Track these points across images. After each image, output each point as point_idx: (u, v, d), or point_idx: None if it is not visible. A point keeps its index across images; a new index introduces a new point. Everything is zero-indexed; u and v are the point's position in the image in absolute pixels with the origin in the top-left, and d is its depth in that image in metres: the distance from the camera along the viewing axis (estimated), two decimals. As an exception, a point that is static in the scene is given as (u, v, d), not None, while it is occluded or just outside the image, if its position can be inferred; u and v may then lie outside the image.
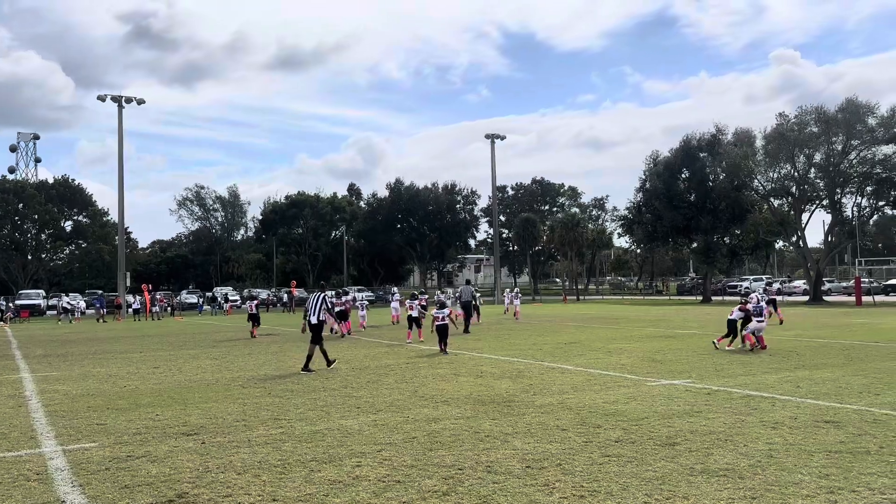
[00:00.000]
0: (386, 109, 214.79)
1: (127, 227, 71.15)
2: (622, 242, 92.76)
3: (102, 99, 52.74)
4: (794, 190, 49.81)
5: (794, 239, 54.29)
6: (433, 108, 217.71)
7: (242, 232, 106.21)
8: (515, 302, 34.44)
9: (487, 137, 64.51)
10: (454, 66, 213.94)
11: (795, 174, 48.97)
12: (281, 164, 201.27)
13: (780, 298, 52.18)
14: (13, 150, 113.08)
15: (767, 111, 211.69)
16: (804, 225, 51.25)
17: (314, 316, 14.62)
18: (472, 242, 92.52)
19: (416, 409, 9.73)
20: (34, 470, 6.92)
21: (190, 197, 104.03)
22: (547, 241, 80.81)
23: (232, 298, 58.96)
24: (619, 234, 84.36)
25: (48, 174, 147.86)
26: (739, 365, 13.83)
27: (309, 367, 14.20)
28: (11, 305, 51.97)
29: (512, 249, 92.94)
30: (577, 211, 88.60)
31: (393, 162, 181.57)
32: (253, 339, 24.20)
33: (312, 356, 14.44)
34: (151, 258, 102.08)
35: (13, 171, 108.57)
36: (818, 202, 50.66)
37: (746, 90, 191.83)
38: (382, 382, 12.42)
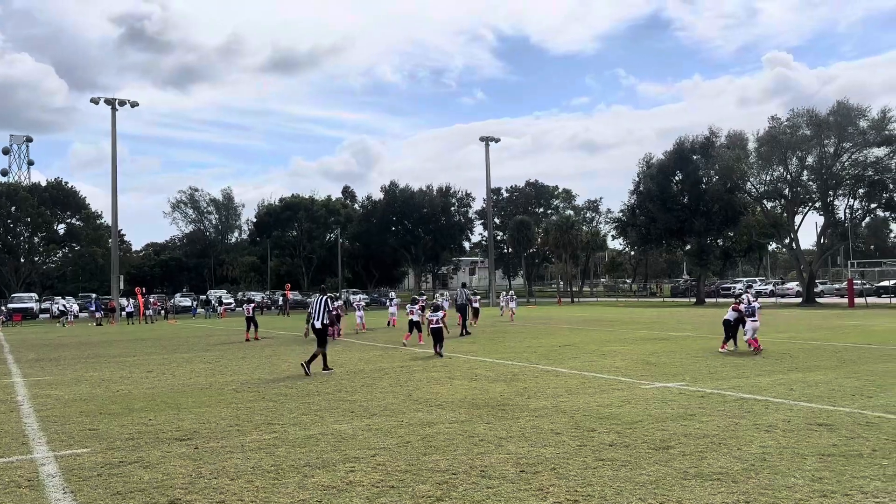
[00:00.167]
0: (381, 112, 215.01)
1: (120, 229, 70.85)
2: (616, 244, 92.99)
3: (96, 102, 52.58)
4: (786, 192, 49.99)
5: (787, 241, 54.47)
6: (428, 110, 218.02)
7: (236, 234, 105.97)
8: (511, 304, 35.25)
9: (482, 140, 64.51)
10: (449, 68, 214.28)
11: (788, 177, 49.16)
12: (275, 166, 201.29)
13: (773, 300, 52.47)
14: (6, 152, 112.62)
15: (761, 113, 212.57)
16: (797, 227, 51.44)
17: (317, 320, 14.69)
18: (466, 245, 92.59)
19: (410, 413, 9.72)
20: (25, 476, 6.88)
21: (184, 199, 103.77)
22: (541, 243, 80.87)
23: (226, 301, 58.81)
24: (613, 236, 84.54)
25: (41, 177, 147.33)
26: (733, 367, 13.86)
27: (328, 365, 14.63)
28: (3, 309, 51.71)
29: (506, 252, 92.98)
30: (571, 213, 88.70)
31: (388, 164, 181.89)
32: (247, 342, 24.19)
33: (326, 355, 14.76)
34: (145, 261, 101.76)
35: (6, 173, 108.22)
36: (811, 204, 50.87)
37: (740, 93, 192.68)
38: (377, 386, 12.40)
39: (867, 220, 54.75)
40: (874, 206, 49.36)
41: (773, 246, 78.19)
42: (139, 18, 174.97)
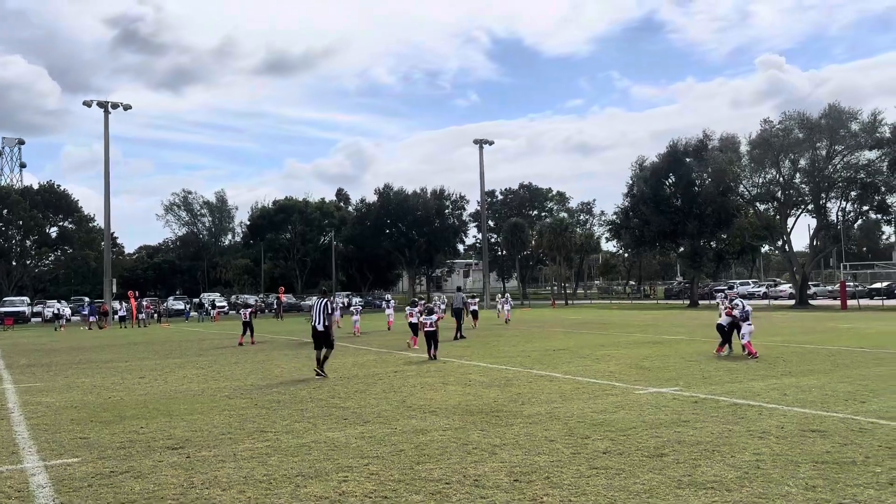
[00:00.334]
0: (375, 114, 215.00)
1: (113, 232, 70.62)
2: (610, 247, 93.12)
3: (88, 104, 52.46)
4: (779, 195, 50.18)
5: (779, 243, 54.65)
6: (422, 112, 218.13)
7: (230, 237, 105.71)
8: (506, 307, 36.07)
9: (476, 143, 64.56)
10: (443, 70, 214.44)
11: (781, 179, 49.36)
12: (269, 168, 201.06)
13: (766, 303, 52.61)
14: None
15: (754, 115, 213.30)
16: (790, 229, 51.67)
17: (319, 323, 14.76)
18: (460, 247, 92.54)
19: (403, 420, 9.69)
20: (15, 487, 6.82)
21: (177, 202, 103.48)
22: (535, 245, 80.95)
23: (219, 305, 58.60)
24: (606, 238, 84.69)
25: (33, 179, 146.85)
26: (726, 372, 13.87)
27: (323, 369, 14.68)
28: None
29: (501, 254, 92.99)
30: (565, 216, 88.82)
31: (382, 166, 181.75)
32: (240, 346, 24.17)
33: (328, 358, 14.86)
34: (138, 264, 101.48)
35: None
36: (803, 207, 51.07)
37: (733, 95, 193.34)
38: (370, 392, 12.36)
39: (859, 222, 54.92)
40: (866, 208, 49.58)
41: (765, 248, 78.49)
42: (133, 20, 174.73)
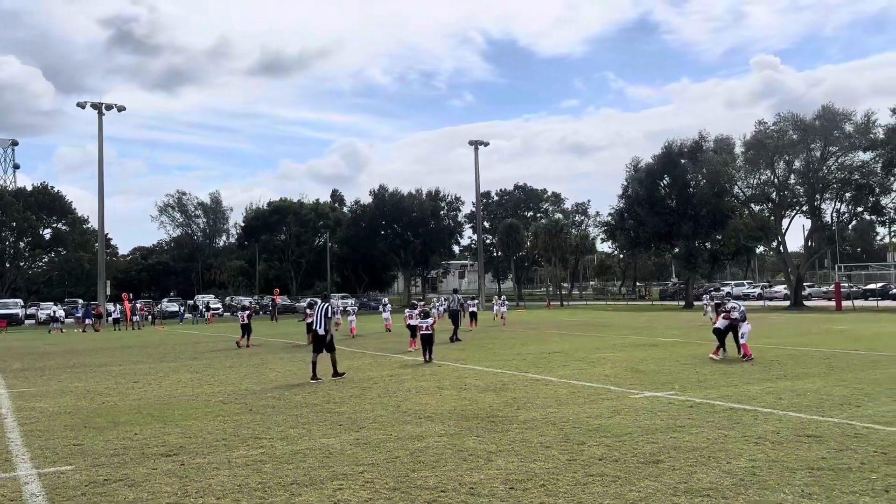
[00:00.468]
0: (370, 115, 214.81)
1: (107, 233, 70.31)
2: (605, 247, 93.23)
3: (82, 106, 52.24)
4: (774, 196, 50.29)
5: (774, 244, 54.78)
6: (418, 113, 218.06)
7: (224, 238, 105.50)
8: (503, 308, 36.94)
9: (471, 144, 64.52)
10: (438, 71, 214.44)
11: (775, 180, 49.47)
12: (264, 169, 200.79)
13: (761, 304, 52.71)
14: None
15: (749, 116, 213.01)
16: (784, 230, 51.77)
17: (321, 328, 14.89)
18: (456, 248, 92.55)
19: (399, 425, 9.65)
20: (8, 496, 6.77)
21: (171, 203, 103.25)
22: (531, 246, 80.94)
23: (214, 307, 58.45)
24: (602, 239, 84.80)
25: (27, 180, 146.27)
26: (722, 375, 13.87)
27: (338, 371, 14.85)
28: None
29: (496, 255, 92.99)
30: (560, 217, 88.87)
31: (377, 167, 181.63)
32: (238, 347, 24.27)
33: (336, 361, 15.01)
34: (132, 265, 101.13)
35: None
36: (798, 208, 51.21)
37: (728, 95, 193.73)
38: (365, 397, 12.32)
39: (854, 223, 55.12)
40: (860, 209, 49.73)
41: (760, 249, 78.67)
42: (127, 21, 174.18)
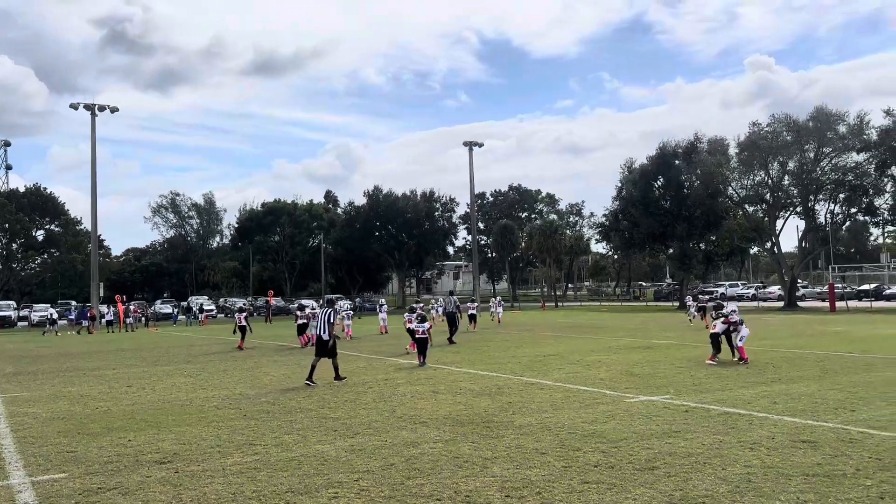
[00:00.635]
0: (365, 115, 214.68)
1: (100, 234, 70.13)
2: (599, 248, 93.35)
3: (75, 107, 51.99)
4: (768, 197, 50.44)
5: (768, 245, 54.93)
6: (412, 113, 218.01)
7: (218, 239, 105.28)
8: (498, 309, 38.22)
9: (465, 145, 64.48)
10: (433, 71, 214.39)
11: (769, 181, 49.62)
12: (258, 169, 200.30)
13: (755, 304, 52.84)
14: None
15: (743, 116, 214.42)
16: (778, 231, 51.94)
17: (325, 333, 15.01)
18: (450, 249, 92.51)
19: (394, 431, 9.63)
20: (0, 506, 6.74)
21: (165, 204, 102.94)
22: (525, 247, 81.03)
23: (207, 308, 58.25)
24: (596, 240, 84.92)
25: (20, 181, 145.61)
26: (716, 379, 13.88)
27: (339, 375, 14.98)
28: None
29: (491, 256, 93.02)
30: (554, 218, 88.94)
31: (372, 167, 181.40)
32: (240, 350, 24.24)
33: (338, 366, 15.13)
34: (125, 266, 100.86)
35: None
36: (792, 209, 51.37)
37: (722, 96, 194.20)
38: (360, 402, 12.29)
39: (847, 224, 55.30)
40: (854, 210, 49.92)
41: (754, 250, 78.91)
42: (120, 21, 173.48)
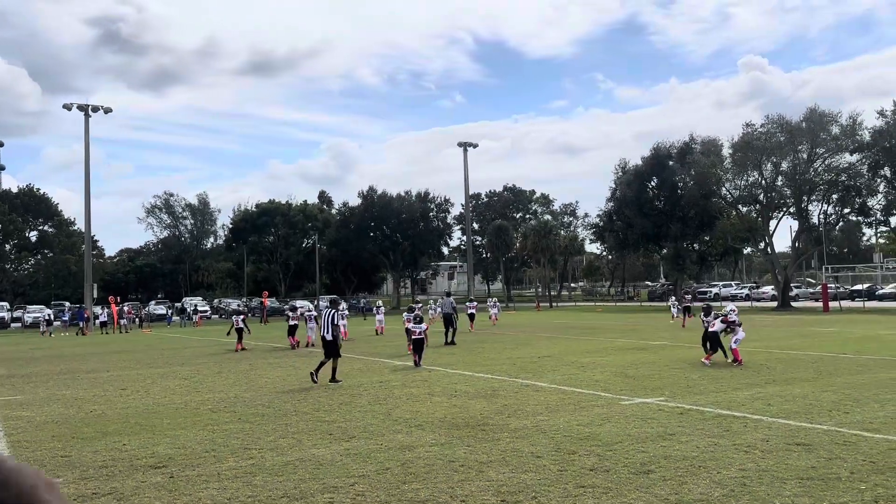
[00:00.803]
0: (359, 115, 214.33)
1: (94, 235, 69.88)
2: (594, 248, 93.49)
3: (69, 108, 51.90)
4: (761, 197, 50.59)
5: (762, 245, 55.12)
6: (407, 113, 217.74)
7: (212, 240, 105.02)
8: (493, 310, 39.14)
9: (460, 145, 64.52)
10: (427, 72, 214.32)
11: (763, 182, 49.76)
12: (253, 170, 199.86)
13: (749, 304, 53.01)
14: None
15: (737, 116, 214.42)
16: (772, 231, 52.08)
17: (328, 333, 15.16)
18: (445, 250, 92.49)
19: (389, 434, 9.62)
20: (-6, 512, 6.70)
21: (159, 204, 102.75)
22: (520, 248, 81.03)
23: (201, 309, 58.10)
24: (590, 240, 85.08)
25: (13, 181, 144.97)
26: (711, 381, 13.92)
27: (336, 378, 14.95)
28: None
29: (485, 257, 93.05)
30: (549, 218, 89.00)
31: (366, 168, 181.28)
32: (243, 351, 24.37)
33: (336, 368, 15.16)
34: (119, 267, 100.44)
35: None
36: (785, 209, 51.54)
37: (716, 96, 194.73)
38: (355, 404, 12.28)
39: (840, 224, 55.53)
40: (847, 210, 50.13)
41: (748, 250, 79.13)
42: (114, 21, 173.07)
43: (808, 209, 50.14)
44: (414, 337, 18.09)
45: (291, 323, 26.10)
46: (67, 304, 62.93)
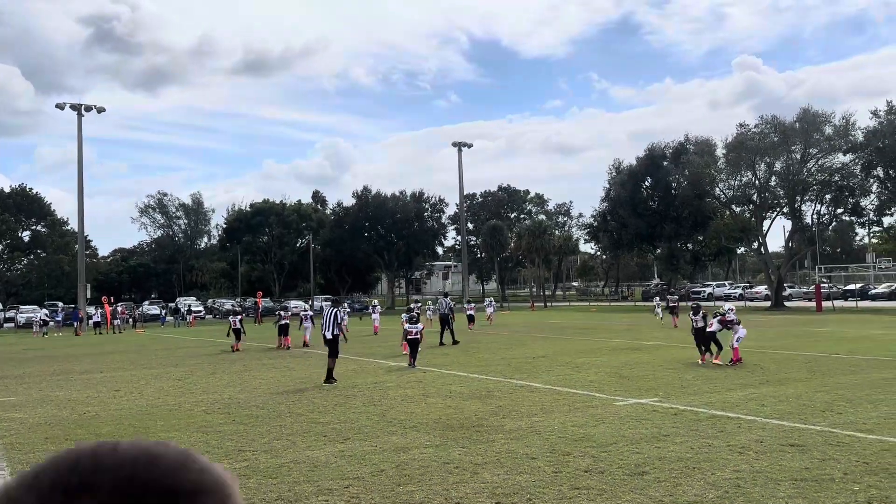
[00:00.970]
0: (354, 115, 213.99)
1: (87, 235, 69.65)
2: (588, 248, 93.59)
3: (61, 107, 51.62)
4: (755, 197, 50.76)
5: (755, 245, 55.28)
6: (402, 113, 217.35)
7: (206, 240, 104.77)
8: (489, 309, 40.15)
9: (455, 145, 64.51)
10: (423, 71, 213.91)
11: (756, 182, 49.93)
12: (247, 169, 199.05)
13: (742, 304, 53.14)
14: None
15: (732, 116, 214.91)
16: (765, 231, 52.29)
17: (328, 331, 15.24)
18: (439, 250, 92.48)
19: (384, 436, 9.61)
20: (-13, 515, 6.66)
21: (152, 204, 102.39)
22: (514, 248, 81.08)
23: (195, 310, 57.95)
24: (585, 240, 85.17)
25: (5, 181, 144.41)
26: (705, 381, 13.95)
27: (331, 377, 14.95)
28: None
29: (480, 256, 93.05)
30: (543, 218, 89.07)
31: (361, 167, 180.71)
32: (234, 352, 24.26)
33: (332, 368, 15.15)
34: (112, 267, 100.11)
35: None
36: (779, 209, 51.72)
37: (711, 96, 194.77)
38: (350, 405, 12.26)
39: (834, 224, 55.76)
40: (840, 210, 50.34)
41: (741, 250, 79.32)
42: (108, 19, 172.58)
43: (801, 209, 50.37)
44: (410, 337, 18.09)
45: (282, 323, 26.03)
46: (61, 304, 62.71)
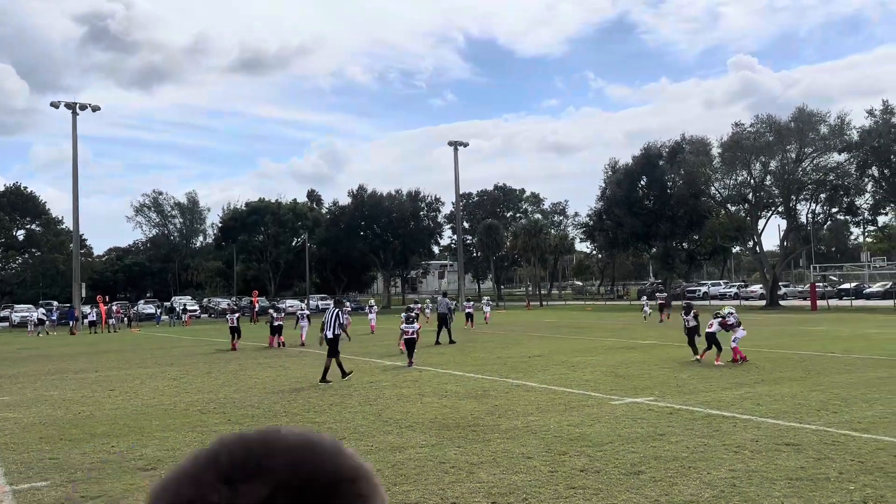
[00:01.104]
0: (350, 114, 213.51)
1: (82, 234, 69.44)
2: (584, 247, 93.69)
3: (56, 106, 51.49)
4: (750, 197, 50.87)
5: (750, 244, 55.42)
6: (398, 112, 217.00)
7: (201, 239, 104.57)
8: (486, 309, 40.47)
9: (450, 144, 64.48)
10: (419, 70, 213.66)
11: (752, 181, 50.03)
12: (243, 168, 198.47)
13: (738, 303, 53.26)
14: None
15: (727, 116, 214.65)
16: (760, 230, 52.41)
17: (329, 331, 15.29)
18: (435, 249, 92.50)
19: (380, 436, 9.61)
20: (-19, 516, 6.65)
21: (147, 203, 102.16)
22: (510, 247, 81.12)
23: (191, 309, 57.83)
24: (580, 239, 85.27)
25: (0, 180, 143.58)
26: (700, 380, 13.97)
27: (326, 378, 14.95)
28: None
29: (475, 255, 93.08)
30: (539, 217, 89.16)
31: (357, 166, 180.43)
32: (234, 351, 24.25)
33: (329, 368, 15.16)
34: (107, 266, 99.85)
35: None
36: (774, 208, 51.85)
37: (706, 95, 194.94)
38: (345, 405, 12.25)
39: (828, 223, 55.91)
40: (835, 210, 50.46)
41: (736, 249, 79.51)
42: (103, 18, 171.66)
43: (796, 208, 50.50)
44: (407, 336, 18.08)
45: (276, 323, 25.99)
46: (56, 303, 62.49)
